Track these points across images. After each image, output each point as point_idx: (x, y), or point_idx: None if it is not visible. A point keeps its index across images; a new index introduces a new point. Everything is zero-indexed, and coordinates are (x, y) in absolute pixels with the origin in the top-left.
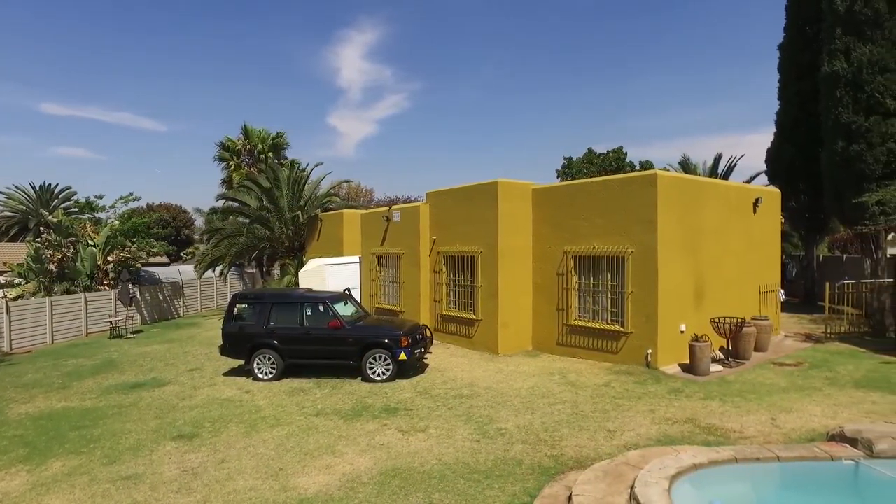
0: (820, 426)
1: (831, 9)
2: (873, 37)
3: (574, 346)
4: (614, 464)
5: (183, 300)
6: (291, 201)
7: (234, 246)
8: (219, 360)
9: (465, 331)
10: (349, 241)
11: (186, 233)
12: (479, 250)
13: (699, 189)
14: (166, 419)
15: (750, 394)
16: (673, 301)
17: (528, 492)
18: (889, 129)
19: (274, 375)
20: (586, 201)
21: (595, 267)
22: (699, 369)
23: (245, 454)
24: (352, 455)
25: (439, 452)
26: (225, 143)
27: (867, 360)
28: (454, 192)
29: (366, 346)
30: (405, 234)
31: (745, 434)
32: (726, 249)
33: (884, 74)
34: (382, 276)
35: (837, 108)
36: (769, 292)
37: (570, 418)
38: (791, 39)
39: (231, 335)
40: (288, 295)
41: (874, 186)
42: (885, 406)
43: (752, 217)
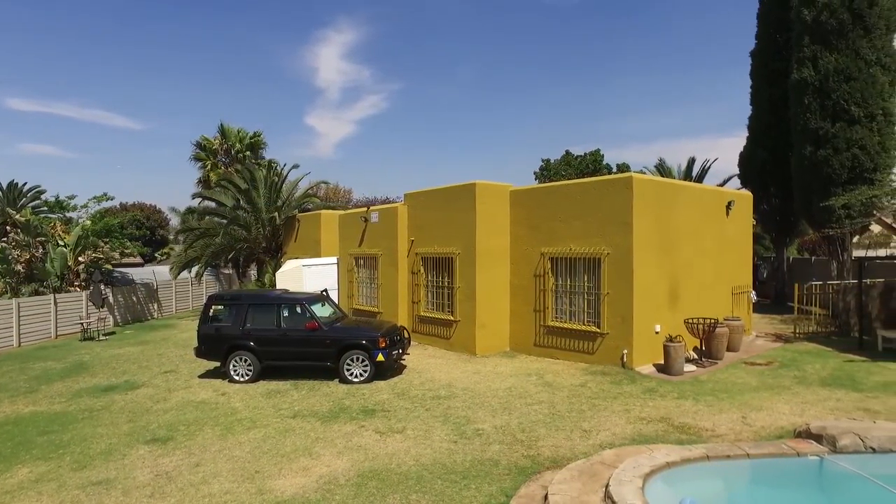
0: (788, 424)
1: (799, 18)
2: (838, 46)
3: (551, 346)
4: (589, 463)
5: (157, 301)
6: (269, 202)
7: (210, 247)
8: (194, 363)
9: (442, 332)
10: (327, 242)
11: (161, 233)
12: (457, 251)
13: (674, 192)
14: (139, 422)
15: (722, 393)
16: (648, 302)
17: (504, 492)
18: (853, 135)
19: (250, 377)
20: (563, 203)
21: (572, 268)
22: (673, 369)
23: (220, 457)
24: (329, 457)
25: (417, 453)
26: (201, 142)
27: (833, 359)
28: (432, 194)
29: (343, 348)
30: (383, 235)
31: (717, 432)
32: (700, 251)
33: (848, 83)
34: (360, 277)
35: (806, 115)
36: (741, 293)
37: (547, 418)
38: (762, 46)
39: (207, 337)
40: (265, 296)
41: (840, 190)
42: (849, 403)
43: (725, 220)
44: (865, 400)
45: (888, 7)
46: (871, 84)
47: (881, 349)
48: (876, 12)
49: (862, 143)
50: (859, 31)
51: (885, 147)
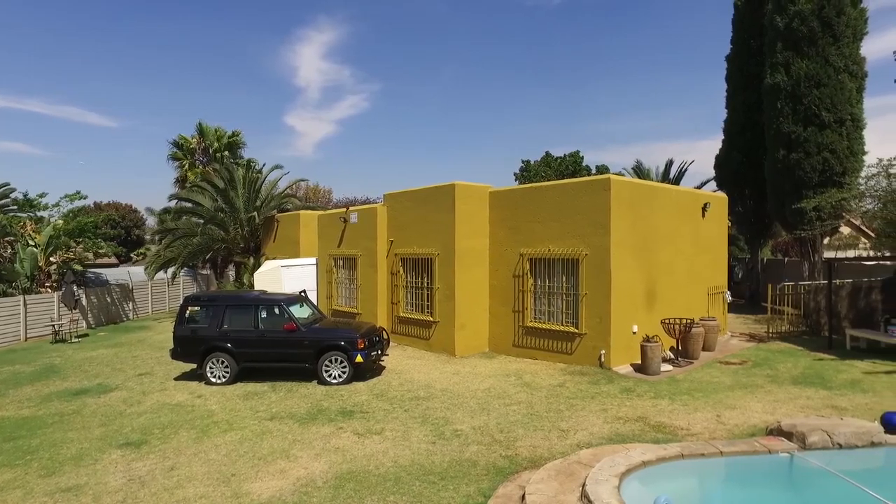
0: (760, 421)
1: (772, 25)
2: (809, 53)
3: (530, 347)
4: (567, 463)
5: (133, 303)
6: (247, 202)
7: (187, 247)
8: (170, 365)
9: (422, 333)
10: (306, 243)
11: (137, 233)
12: (437, 252)
13: (651, 193)
14: (112, 426)
15: (697, 392)
16: (625, 302)
17: (482, 492)
18: (824, 139)
19: (227, 379)
20: (542, 204)
21: (550, 269)
22: (650, 369)
23: (196, 460)
24: (306, 459)
25: (395, 455)
26: (179, 141)
27: (804, 358)
28: (412, 194)
29: (322, 349)
30: (362, 235)
31: (692, 431)
32: (676, 252)
33: (819, 88)
34: (339, 277)
35: (778, 119)
36: (717, 294)
37: (525, 419)
38: (737, 51)
39: (183, 338)
40: (242, 297)
41: (811, 193)
42: (818, 401)
43: (701, 221)
44: (834, 398)
45: (854, 17)
46: (839, 90)
47: (849, 348)
48: (843, 21)
49: (832, 147)
50: (828, 38)
51: (853, 151)
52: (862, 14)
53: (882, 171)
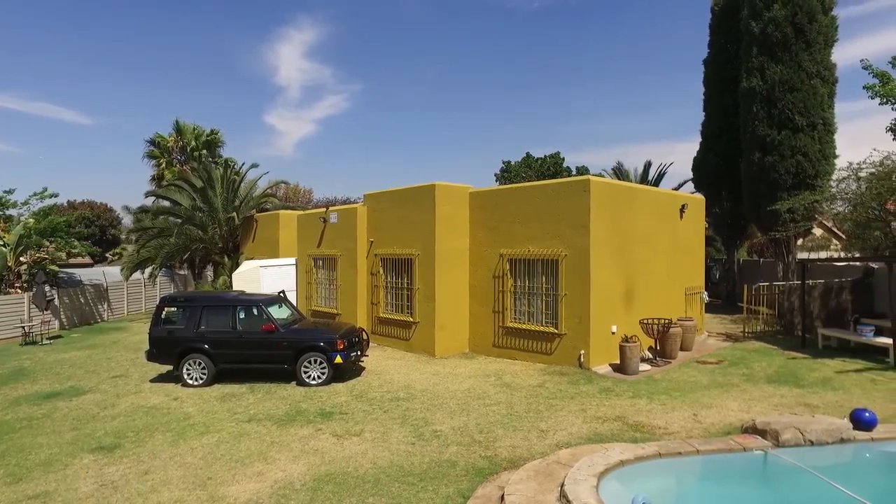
0: (736, 420)
1: (748, 30)
2: (783, 58)
3: (510, 347)
4: (546, 463)
5: (108, 303)
6: (226, 201)
7: (164, 247)
8: (145, 367)
9: (402, 333)
10: (285, 243)
11: (113, 232)
12: (417, 253)
13: (630, 195)
14: (84, 430)
15: (675, 391)
16: (604, 303)
17: (461, 493)
18: (797, 143)
19: (205, 381)
20: (522, 205)
21: (530, 270)
22: (629, 369)
23: (171, 464)
24: (284, 461)
25: (374, 456)
26: (156, 139)
27: (778, 356)
28: (392, 195)
29: (301, 350)
30: (342, 235)
31: (670, 430)
32: (655, 253)
33: (792, 93)
34: (319, 278)
35: (754, 122)
36: (694, 294)
37: (505, 419)
38: (714, 55)
39: (159, 339)
40: (220, 297)
41: (785, 195)
42: (791, 399)
43: (679, 222)
44: (806, 395)
45: (826, 24)
46: (812, 95)
47: (821, 347)
48: (815, 28)
49: (805, 150)
50: (801, 44)
51: (825, 155)
52: (832, 21)
53: (852, 174)
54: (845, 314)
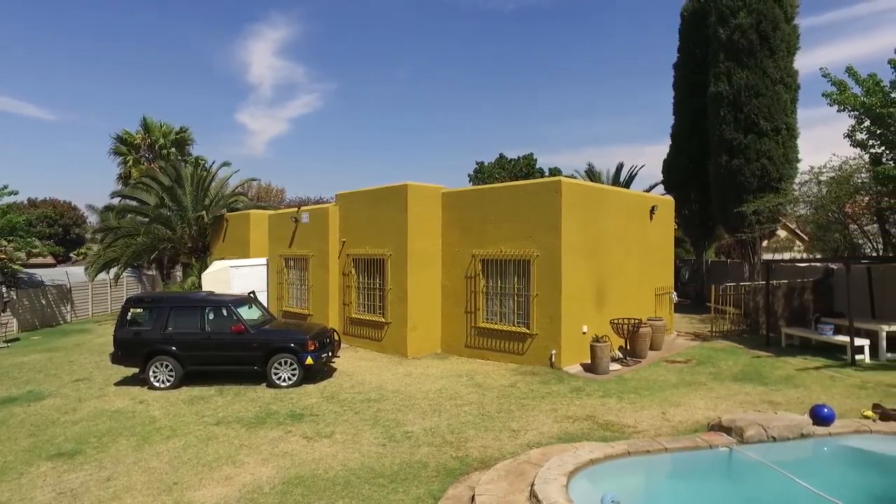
0: (703, 418)
1: (716, 36)
2: (749, 64)
3: (482, 347)
4: (516, 462)
5: (71, 305)
6: (195, 200)
7: (130, 246)
8: (110, 369)
9: (374, 334)
10: (256, 243)
11: (77, 232)
12: (389, 253)
13: (601, 196)
14: (43, 436)
15: (644, 390)
16: (575, 303)
17: (432, 494)
18: (762, 146)
19: (172, 383)
20: (494, 206)
21: (502, 270)
22: (599, 368)
23: (135, 469)
24: (253, 464)
25: (344, 458)
26: (122, 136)
27: (744, 355)
28: (364, 195)
29: (271, 351)
30: (314, 235)
31: (639, 428)
32: (625, 254)
33: (757, 98)
34: (290, 278)
35: (721, 126)
36: (663, 294)
37: (476, 419)
38: (684, 60)
39: (124, 341)
40: (188, 298)
41: (751, 197)
42: (756, 396)
43: (649, 223)
44: (770, 393)
45: (788, 32)
46: (776, 100)
47: (784, 345)
48: (779, 35)
49: (769, 154)
50: (766, 51)
51: (788, 159)
52: (795, 30)
53: (813, 178)
54: (807, 313)
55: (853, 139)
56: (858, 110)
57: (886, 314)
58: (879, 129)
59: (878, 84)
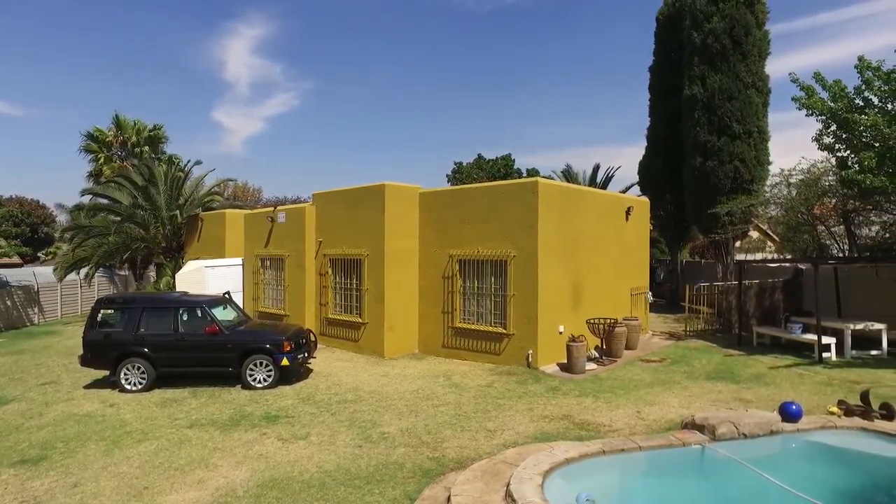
0: (677, 416)
1: (690, 40)
2: (722, 68)
3: (459, 348)
4: (492, 462)
5: (39, 306)
6: (169, 199)
7: (102, 246)
8: (79, 372)
9: (351, 334)
10: (232, 243)
11: (46, 231)
12: (366, 253)
13: (577, 197)
14: (6, 443)
15: (620, 389)
16: (552, 303)
17: (408, 495)
18: (735, 149)
19: (144, 386)
20: (472, 206)
21: (479, 270)
22: (576, 368)
23: (104, 475)
24: (227, 467)
25: (320, 460)
26: (93, 133)
27: (717, 354)
28: (341, 194)
29: (246, 352)
30: (290, 235)
31: (614, 427)
32: (601, 254)
33: (730, 101)
34: (266, 278)
35: (696, 128)
36: (639, 294)
37: (453, 420)
38: (659, 63)
39: (94, 343)
40: (161, 299)
41: (724, 199)
42: (728, 394)
43: (625, 224)
44: (741, 391)
45: (759, 37)
46: (748, 104)
47: (756, 344)
48: (751, 41)
49: (742, 156)
50: (738, 56)
51: (759, 161)
52: (766, 36)
53: (783, 180)
54: (778, 313)
55: (821, 143)
56: (825, 115)
57: (852, 313)
58: (845, 133)
59: (843, 90)
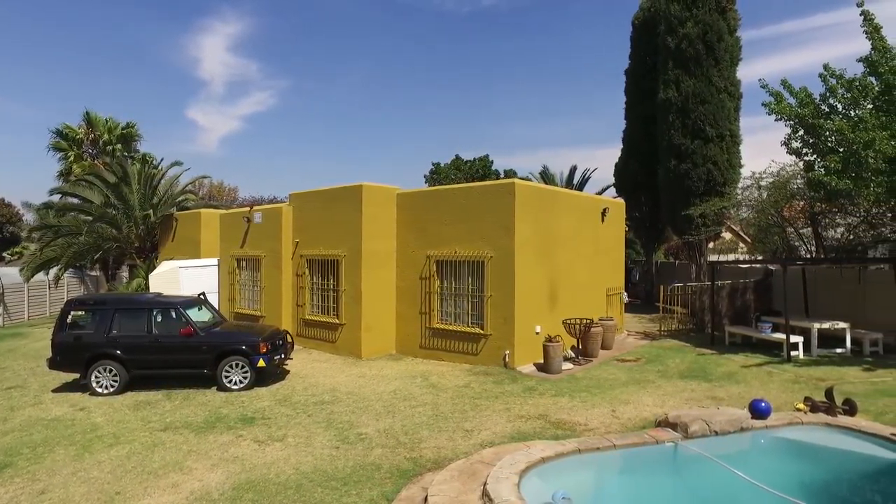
0: (651, 414)
1: (665, 44)
2: (695, 72)
3: (436, 348)
4: (469, 462)
5: (4, 307)
6: (143, 199)
7: (72, 246)
8: (47, 375)
9: (328, 335)
10: (207, 243)
11: (12, 230)
12: (343, 254)
13: (554, 198)
14: None
15: (595, 389)
16: (529, 303)
17: (385, 496)
18: (708, 152)
19: (116, 389)
20: (449, 207)
21: (457, 271)
22: (552, 368)
23: (73, 480)
24: (202, 470)
25: (297, 461)
26: (63, 130)
27: (690, 353)
28: (318, 195)
29: (221, 354)
30: (267, 236)
31: (590, 426)
32: (577, 255)
33: (703, 105)
34: (242, 279)
35: (670, 131)
36: (615, 295)
37: (430, 420)
38: (635, 66)
39: (63, 346)
40: (134, 300)
41: (698, 201)
42: (700, 393)
43: (601, 225)
44: (714, 389)
45: (731, 43)
46: (720, 108)
47: (727, 343)
48: (723, 46)
49: (715, 159)
50: (711, 61)
51: (731, 164)
52: (737, 42)
53: (754, 183)
54: (749, 312)
55: (789, 147)
56: (793, 120)
57: (819, 312)
58: (812, 138)
59: (810, 96)
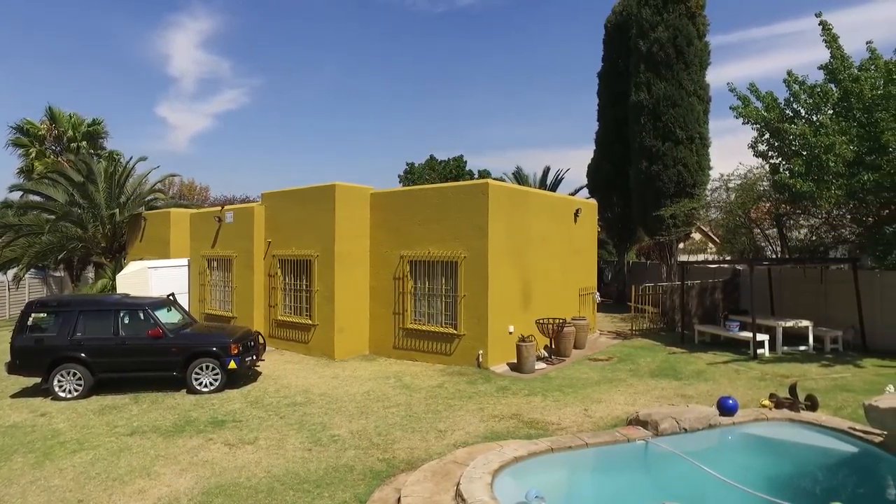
0: (622, 413)
1: (636, 48)
2: (666, 76)
3: (410, 349)
4: (443, 463)
5: None
6: (109, 197)
7: (34, 246)
8: (6, 380)
9: (301, 336)
10: (177, 243)
11: None
12: (316, 254)
13: (527, 199)
14: None
15: (568, 388)
16: (502, 303)
17: (358, 497)
18: (678, 154)
19: (80, 393)
20: (423, 207)
21: (430, 271)
22: (525, 367)
23: (32, 489)
24: (170, 476)
25: (268, 464)
26: (24, 126)
27: (661, 352)
28: (290, 194)
29: (192, 356)
30: (238, 235)
31: (562, 425)
32: (550, 255)
33: (674, 108)
34: (213, 280)
35: (642, 133)
36: (587, 294)
37: (404, 421)
38: (607, 69)
39: (23, 349)
40: (100, 302)
41: (668, 202)
42: (671, 391)
43: (574, 226)
44: (683, 387)
45: (700, 48)
46: (690, 111)
47: (697, 342)
48: (692, 51)
49: (685, 161)
50: (681, 65)
51: (701, 166)
52: (706, 46)
53: (723, 184)
54: (717, 311)
55: (756, 150)
56: (760, 124)
57: (784, 311)
58: (777, 141)
59: (775, 101)
